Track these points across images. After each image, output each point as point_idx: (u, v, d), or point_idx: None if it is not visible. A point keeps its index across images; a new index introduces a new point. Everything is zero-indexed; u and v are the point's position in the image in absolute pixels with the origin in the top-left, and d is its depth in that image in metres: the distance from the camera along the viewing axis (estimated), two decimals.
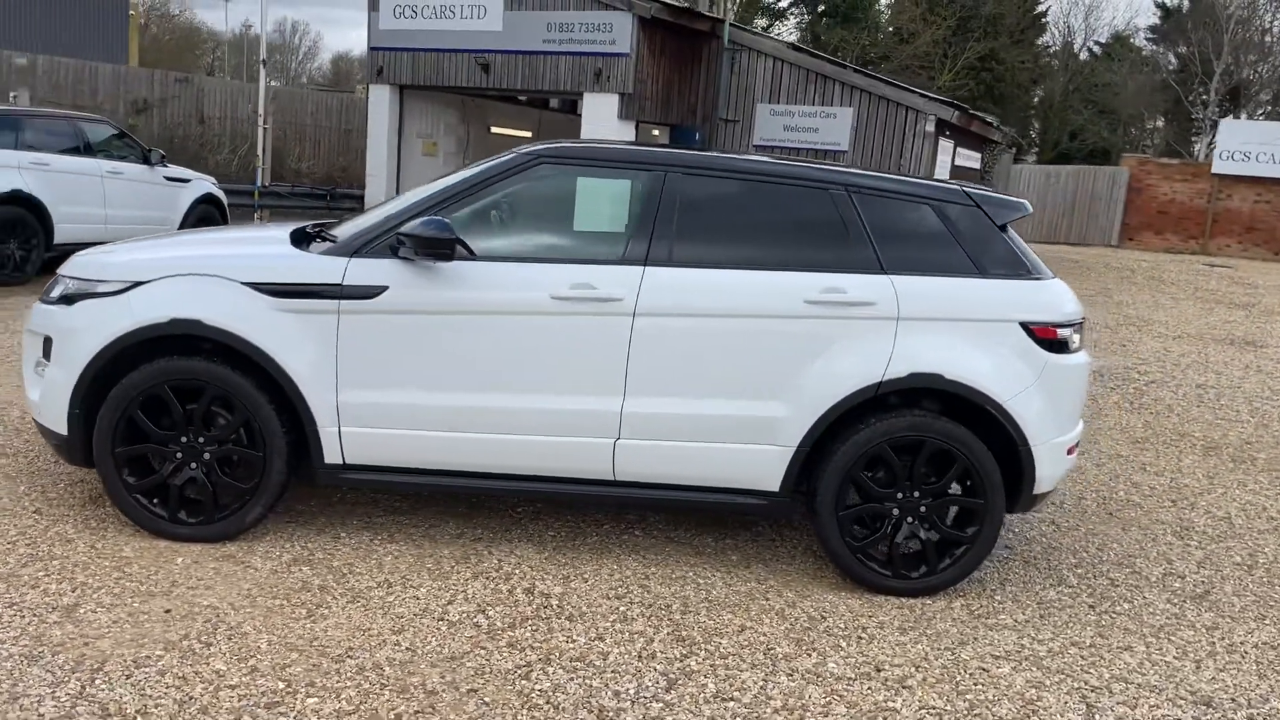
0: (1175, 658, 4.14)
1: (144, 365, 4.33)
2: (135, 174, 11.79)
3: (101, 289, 4.41)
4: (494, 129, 18.75)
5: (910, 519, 4.48)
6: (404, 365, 4.37)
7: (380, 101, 16.31)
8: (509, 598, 4.18)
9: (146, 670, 3.42)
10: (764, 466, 4.44)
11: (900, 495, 4.46)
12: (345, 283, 4.32)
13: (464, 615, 4.00)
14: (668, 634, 3.98)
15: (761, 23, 43.10)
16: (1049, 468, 4.50)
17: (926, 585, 4.52)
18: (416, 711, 3.32)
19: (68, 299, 4.48)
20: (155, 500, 4.45)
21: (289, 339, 4.33)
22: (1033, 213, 4.98)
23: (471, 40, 15.10)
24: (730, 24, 14.59)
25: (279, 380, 4.33)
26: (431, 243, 4.23)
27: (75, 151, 11.15)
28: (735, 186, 4.57)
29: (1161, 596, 4.76)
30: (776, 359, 4.39)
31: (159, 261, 4.47)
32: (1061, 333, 4.49)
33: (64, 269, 4.64)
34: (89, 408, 4.38)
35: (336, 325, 4.34)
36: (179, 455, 4.40)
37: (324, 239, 4.64)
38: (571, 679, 3.59)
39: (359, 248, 4.40)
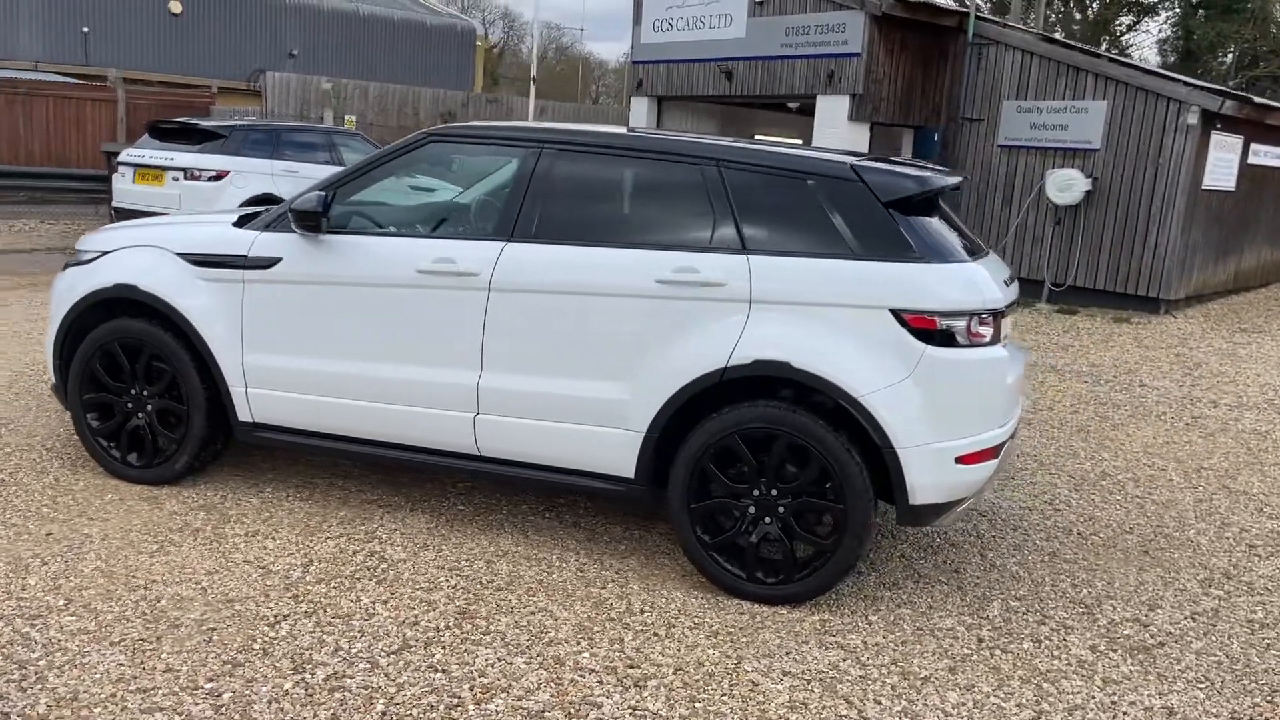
0: (1017, 706, 3.49)
1: (103, 324, 4.96)
2: None
3: (84, 258, 5.11)
4: (757, 138, 18.78)
5: (768, 519, 4.11)
6: (292, 332, 4.66)
7: (639, 112, 16.90)
8: (348, 559, 4.33)
9: None
10: (615, 451, 4.27)
11: (756, 493, 4.11)
12: (250, 254, 4.70)
13: (286, 568, 4.21)
14: (455, 607, 3.95)
15: (1126, 19, 39.57)
16: (925, 475, 3.95)
17: (785, 593, 4.12)
18: (141, 639, 3.57)
19: (65, 267, 5.22)
20: (113, 443, 5.06)
21: (207, 305, 4.76)
22: (958, 186, 4.32)
23: (718, 49, 15.31)
24: (976, 15, 13.61)
25: (195, 341, 4.78)
26: (302, 216, 4.50)
27: (326, 161, 12.66)
28: (607, 162, 4.43)
29: (1088, 642, 4.00)
30: (624, 340, 4.21)
31: (126, 236, 5.09)
32: (944, 323, 3.92)
33: (77, 244, 5.40)
34: (67, 360, 5.08)
35: (242, 293, 4.73)
36: (129, 405, 4.99)
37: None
38: (313, 632, 3.69)
39: (269, 223, 4.75)
